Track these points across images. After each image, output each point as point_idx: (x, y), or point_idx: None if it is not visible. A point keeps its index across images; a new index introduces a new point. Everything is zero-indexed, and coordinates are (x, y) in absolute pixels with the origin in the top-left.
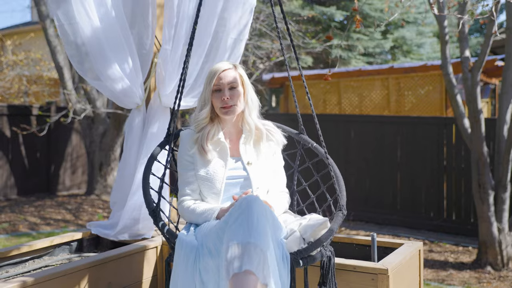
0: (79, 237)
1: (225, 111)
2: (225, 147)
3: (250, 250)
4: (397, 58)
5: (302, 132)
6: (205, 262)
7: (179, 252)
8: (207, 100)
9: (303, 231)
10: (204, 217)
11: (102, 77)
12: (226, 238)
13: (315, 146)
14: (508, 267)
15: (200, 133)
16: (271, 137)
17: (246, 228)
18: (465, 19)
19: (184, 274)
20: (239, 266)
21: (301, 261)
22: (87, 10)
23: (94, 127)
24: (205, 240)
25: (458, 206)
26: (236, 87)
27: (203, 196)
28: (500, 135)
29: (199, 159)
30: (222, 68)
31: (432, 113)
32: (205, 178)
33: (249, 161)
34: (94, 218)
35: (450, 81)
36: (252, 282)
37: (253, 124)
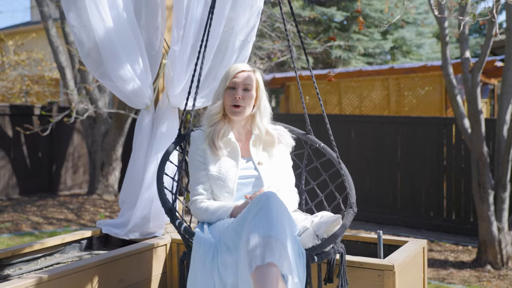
0: (89, 235)
1: (234, 110)
2: (236, 147)
3: (271, 243)
4: (397, 59)
5: (310, 133)
6: (223, 258)
7: (197, 249)
8: (220, 96)
9: (316, 228)
10: (218, 215)
11: (114, 78)
12: (246, 232)
13: (322, 146)
14: (507, 266)
15: (212, 128)
16: (282, 139)
17: (266, 222)
18: (465, 21)
19: (203, 271)
20: (262, 259)
21: (316, 257)
22: (101, 12)
23: (96, 127)
24: (222, 236)
25: (457, 206)
26: (250, 90)
27: (216, 196)
28: (500, 135)
29: (210, 156)
30: (241, 68)
31: (432, 113)
32: (217, 178)
33: (259, 161)
34: (96, 218)
35: (451, 81)
36: (275, 273)
37: (263, 129)
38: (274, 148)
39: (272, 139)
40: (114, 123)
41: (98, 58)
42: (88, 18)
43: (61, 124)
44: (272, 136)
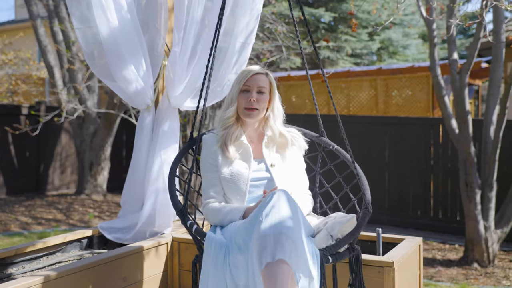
0: (89, 234)
1: (248, 113)
2: (248, 149)
3: (282, 241)
4: (383, 59)
5: (323, 135)
6: (234, 258)
7: (209, 250)
8: (234, 99)
9: (330, 228)
10: (230, 217)
11: (117, 78)
12: (257, 230)
13: (336, 148)
14: (493, 263)
15: (225, 131)
16: (295, 141)
17: (277, 220)
18: (453, 23)
19: (215, 272)
20: (272, 255)
21: (330, 257)
22: (107, 13)
23: (84, 127)
24: (233, 236)
25: (444, 205)
26: (264, 93)
27: (228, 198)
28: (487, 135)
29: (222, 158)
30: (254, 71)
31: (419, 113)
32: (229, 180)
33: (272, 163)
34: (86, 218)
35: (438, 82)
36: (285, 270)
37: (277, 130)
38: (287, 150)
39: (285, 141)
40: (103, 123)
41: (102, 58)
42: (93, 19)
43: (49, 123)
44: (286, 138)
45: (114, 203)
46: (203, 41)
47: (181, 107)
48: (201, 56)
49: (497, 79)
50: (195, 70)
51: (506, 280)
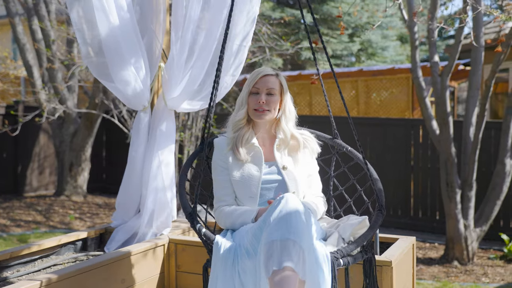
0: (84, 236)
1: (257, 114)
2: (259, 151)
3: (289, 247)
4: (362, 61)
5: (336, 137)
6: (243, 263)
7: (217, 254)
8: (244, 101)
9: (342, 231)
10: (242, 219)
11: (116, 79)
12: (265, 236)
13: (350, 150)
14: (473, 261)
15: (236, 133)
16: (307, 144)
17: (284, 226)
18: (434, 26)
19: (223, 277)
20: (279, 262)
21: (342, 260)
22: (107, 13)
23: (64, 127)
24: (242, 240)
25: (424, 205)
26: (274, 94)
27: (239, 201)
28: (467, 136)
29: (233, 161)
30: (264, 73)
31: (399, 114)
32: (240, 183)
33: (284, 165)
34: (66, 220)
35: (420, 84)
36: (292, 278)
37: (288, 132)
38: (299, 152)
39: (298, 144)
40: (84, 123)
41: (101, 59)
42: (94, 19)
43: (27, 124)
44: (298, 141)
45: (95, 204)
46: (200, 43)
47: (178, 109)
48: (198, 58)
49: (476, 82)
50: (193, 73)
51: (485, 277)
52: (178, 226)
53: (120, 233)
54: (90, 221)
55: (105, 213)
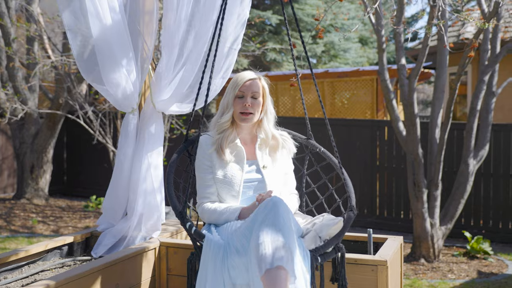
0: (70, 240)
1: (243, 117)
2: (241, 151)
3: (279, 248)
4: (323, 62)
5: (310, 138)
6: (232, 260)
7: (207, 251)
8: (230, 105)
9: (318, 230)
10: (225, 217)
11: (107, 81)
12: (255, 237)
13: (323, 151)
14: (439, 258)
15: (221, 135)
16: (285, 145)
17: (274, 228)
18: (400, 30)
19: (213, 272)
20: (271, 262)
21: (319, 257)
22: (99, 13)
23: (25, 128)
24: (231, 239)
25: (389, 204)
26: (258, 98)
27: (222, 199)
28: (433, 137)
29: (217, 161)
30: (248, 77)
31: (364, 115)
32: (224, 181)
33: (264, 164)
34: (28, 223)
35: (387, 86)
36: (283, 276)
37: (270, 133)
38: (277, 152)
39: (277, 144)
40: (46, 124)
41: (93, 60)
42: (86, 20)
43: None
44: (277, 141)
45: (57, 208)
46: (189, 45)
47: (166, 111)
48: (188, 60)
49: (441, 84)
50: (182, 75)
51: (451, 273)
52: (166, 229)
53: (108, 237)
54: (54, 225)
55: (69, 216)
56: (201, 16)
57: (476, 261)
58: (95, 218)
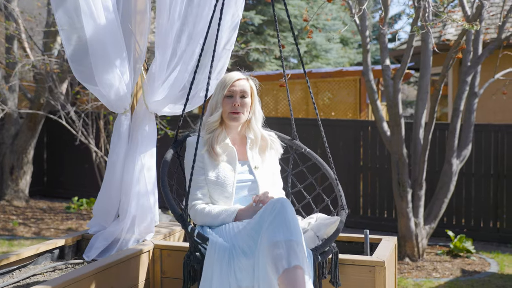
0: (62, 243)
1: (233, 116)
2: (233, 151)
3: (294, 247)
4: (305, 62)
5: (295, 138)
6: (239, 262)
7: (212, 254)
8: (218, 105)
9: (316, 229)
10: (221, 219)
11: (100, 82)
12: (266, 238)
13: (308, 152)
14: (423, 257)
15: (211, 134)
16: (273, 145)
17: (285, 227)
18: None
19: (219, 275)
20: (288, 262)
21: (320, 256)
22: (93, 13)
23: (5, 128)
24: (236, 241)
25: (373, 204)
26: (246, 97)
27: (214, 200)
28: (416, 138)
29: (209, 161)
30: (236, 77)
31: (347, 116)
32: (216, 183)
33: (256, 165)
34: (9, 226)
35: (371, 87)
36: (301, 275)
37: (259, 133)
38: (266, 152)
39: (266, 144)
40: (27, 124)
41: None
42: (79, 20)
43: None
44: (266, 141)
45: (38, 209)
46: (182, 45)
47: (159, 112)
48: (180, 61)
49: (425, 85)
50: (176, 76)
51: (436, 272)
52: (159, 231)
53: (100, 240)
54: (35, 227)
55: (50, 218)
56: (195, 16)
57: (459, 260)
58: (77, 220)
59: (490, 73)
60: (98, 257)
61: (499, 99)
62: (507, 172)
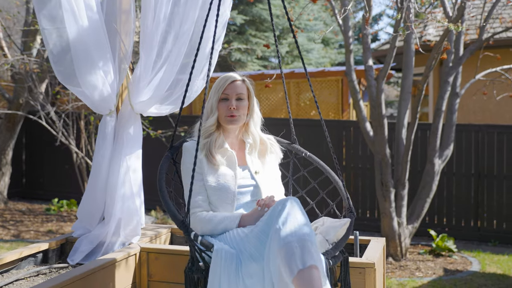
0: (45, 247)
1: (230, 119)
2: (232, 156)
3: (308, 246)
4: (287, 63)
5: (295, 142)
6: (248, 268)
7: (219, 261)
8: (214, 108)
9: (325, 232)
10: (223, 226)
11: (83, 83)
12: (277, 239)
13: (309, 156)
14: (406, 257)
15: (208, 139)
16: (273, 149)
17: (297, 227)
18: (368, 31)
19: (228, 284)
20: (303, 262)
21: (331, 261)
22: (75, 14)
23: None
24: (242, 245)
25: (355, 203)
26: (243, 99)
27: (214, 207)
28: (399, 138)
29: (207, 166)
30: (232, 79)
31: (329, 116)
32: (217, 188)
33: (256, 170)
34: None
35: (354, 87)
36: (317, 274)
37: (258, 136)
38: (266, 157)
39: (265, 148)
40: (5, 125)
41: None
42: (62, 20)
43: None
44: (266, 145)
45: (17, 211)
46: (168, 45)
47: (145, 113)
48: (166, 61)
49: (407, 86)
50: (162, 76)
51: (419, 271)
52: (145, 234)
53: (85, 243)
54: (15, 229)
55: (30, 220)
56: (182, 16)
57: (441, 259)
58: (57, 222)
59: (471, 73)
60: (83, 261)
61: (479, 99)
62: (488, 171)
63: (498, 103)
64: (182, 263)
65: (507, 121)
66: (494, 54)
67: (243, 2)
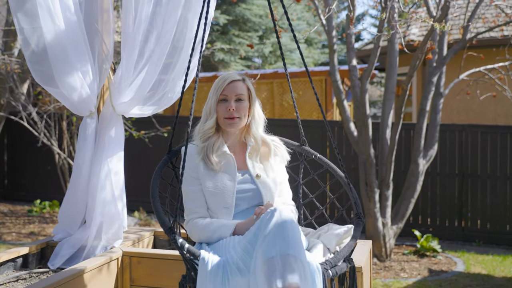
0: (25, 251)
1: (229, 122)
2: (231, 159)
3: (291, 263)
4: (270, 63)
5: (304, 144)
6: (234, 280)
7: (205, 271)
8: (212, 110)
9: (326, 240)
10: (219, 234)
11: (61, 84)
12: (261, 251)
13: (319, 157)
14: (391, 257)
15: (206, 143)
16: (277, 152)
17: (282, 240)
18: (351, 31)
19: None
20: (283, 280)
21: (331, 271)
22: (52, 14)
23: None
24: (230, 256)
25: (340, 203)
26: (243, 100)
27: (212, 213)
28: (383, 138)
29: (205, 171)
30: (230, 79)
31: (313, 116)
32: (214, 193)
33: (257, 174)
34: None
35: (338, 87)
36: None
37: (259, 138)
38: (270, 159)
39: (269, 150)
40: None
41: (46, 63)
42: (38, 21)
43: None
44: (269, 147)
45: None
46: (151, 46)
47: (127, 114)
48: (149, 62)
49: (391, 86)
50: (144, 77)
51: (404, 272)
52: (127, 237)
53: (65, 247)
54: None
55: (11, 221)
56: (164, 15)
57: (426, 259)
58: (40, 223)
59: (454, 73)
60: (64, 266)
61: (462, 99)
62: (471, 171)
63: (482, 103)
64: (165, 267)
65: (490, 121)
66: (478, 54)
67: (226, 2)
